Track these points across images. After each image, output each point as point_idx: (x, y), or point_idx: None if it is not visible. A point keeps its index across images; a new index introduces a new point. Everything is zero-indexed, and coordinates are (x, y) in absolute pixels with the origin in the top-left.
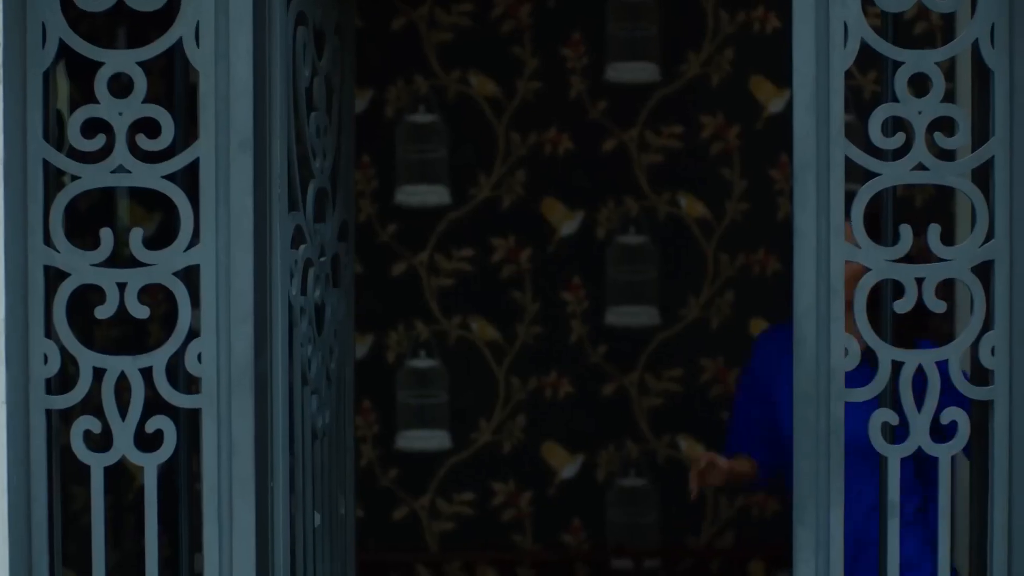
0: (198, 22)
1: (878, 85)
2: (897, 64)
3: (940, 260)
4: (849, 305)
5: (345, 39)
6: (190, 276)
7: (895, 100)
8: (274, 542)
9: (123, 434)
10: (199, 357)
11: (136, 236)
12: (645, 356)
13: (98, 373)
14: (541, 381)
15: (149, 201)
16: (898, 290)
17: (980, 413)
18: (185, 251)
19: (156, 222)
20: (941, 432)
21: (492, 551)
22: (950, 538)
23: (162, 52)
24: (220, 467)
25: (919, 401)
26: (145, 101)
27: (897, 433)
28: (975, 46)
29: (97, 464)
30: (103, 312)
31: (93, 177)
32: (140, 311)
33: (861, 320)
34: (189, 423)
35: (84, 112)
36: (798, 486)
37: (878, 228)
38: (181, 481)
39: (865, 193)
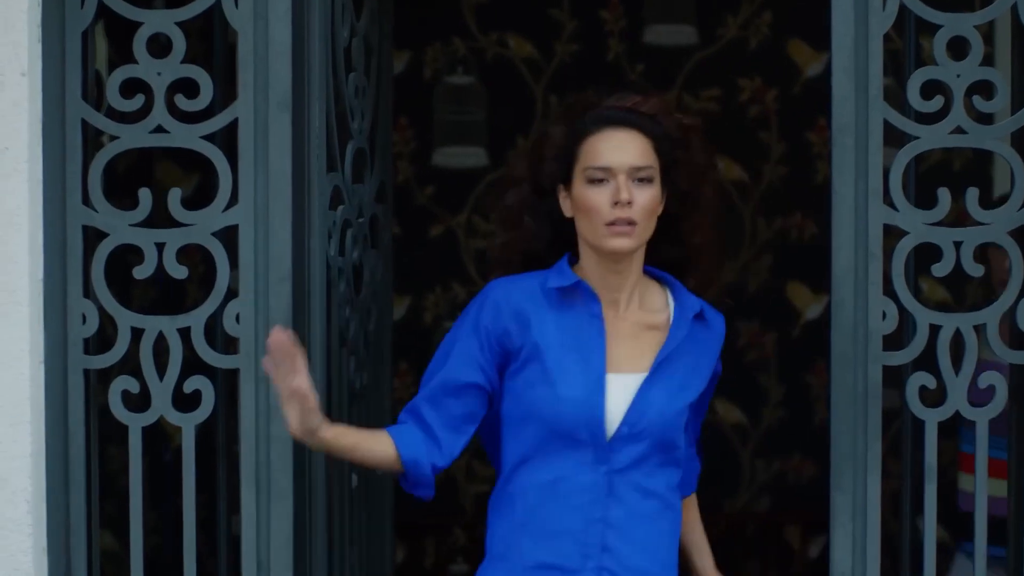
0: None
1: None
2: (936, 27)
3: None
4: None
5: (383, 0)
6: (228, 236)
7: (933, 63)
8: (312, 503)
9: (161, 394)
10: (237, 317)
11: (175, 196)
12: None
13: (136, 333)
14: None
15: (187, 162)
16: (936, 254)
17: (1019, 376)
18: (224, 211)
19: (194, 183)
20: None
21: None
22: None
23: (201, 12)
24: (258, 428)
25: None
26: (184, 61)
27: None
28: (1014, 9)
29: (135, 424)
30: (141, 272)
31: (131, 137)
32: (178, 271)
33: (899, 284)
34: (227, 383)
35: (123, 72)
36: (836, 451)
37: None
38: (219, 442)
39: (904, 156)
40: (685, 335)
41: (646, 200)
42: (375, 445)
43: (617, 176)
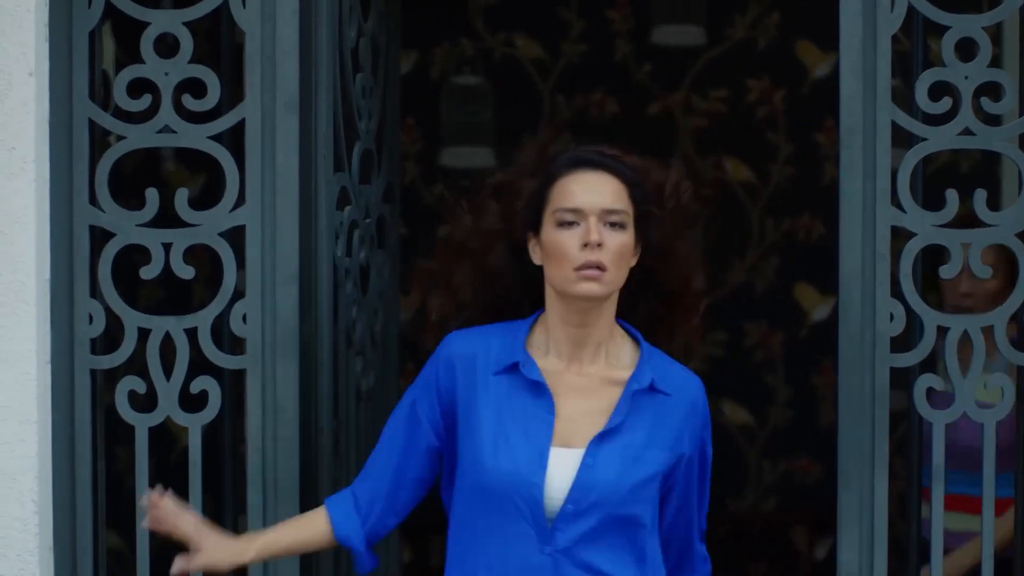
0: None
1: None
2: (944, 28)
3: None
4: None
5: (391, 0)
6: (235, 237)
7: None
8: (317, 504)
9: (168, 395)
10: (244, 318)
11: (181, 196)
12: None
13: (143, 334)
14: None
15: (194, 162)
16: (944, 255)
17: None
18: (231, 212)
19: (200, 183)
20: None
21: None
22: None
23: (208, 12)
24: (264, 429)
25: None
26: (191, 62)
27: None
28: (1022, 11)
29: (141, 425)
30: (148, 272)
31: (139, 137)
32: (185, 271)
33: (907, 286)
34: (234, 384)
35: (130, 72)
36: (843, 453)
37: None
38: (225, 442)
39: (912, 158)
40: (633, 406)
41: (617, 245)
42: (307, 536)
43: (588, 218)
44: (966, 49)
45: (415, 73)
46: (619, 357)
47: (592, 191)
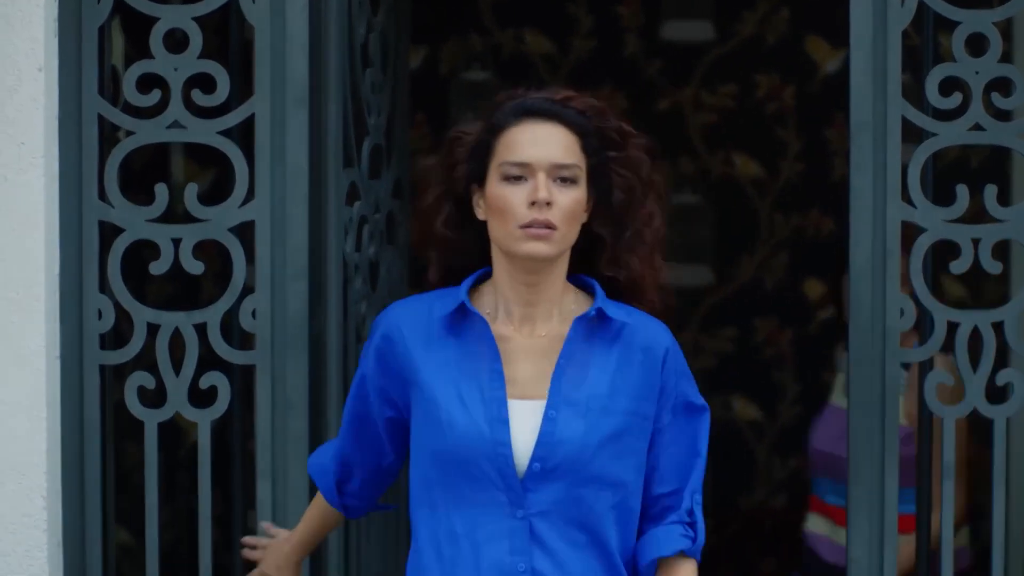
0: None
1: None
2: (954, 24)
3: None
4: None
5: None
6: (244, 232)
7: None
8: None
9: (177, 390)
10: (253, 313)
11: (191, 191)
12: (697, 317)
13: (152, 329)
14: None
15: (203, 157)
16: (954, 251)
17: None
18: (240, 207)
19: (210, 178)
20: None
21: None
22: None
23: (218, 7)
24: (274, 424)
25: None
26: (200, 57)
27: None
28: None
29: (151, 420)
30: (158, 268)
31: (148, 132)
32: (195, 267)
33: (917, 282)
34: (243, 379)
35: (139, 67)
36: (854, 448)
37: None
38: (234, 438)
39: (922, 153)
40: (586, 344)
41: (568, 202)
42: (319, 513)
43: (536, 174)
44: (976, 44)
45: (424, 69)
46: (571, 313)
47: (540, 143)
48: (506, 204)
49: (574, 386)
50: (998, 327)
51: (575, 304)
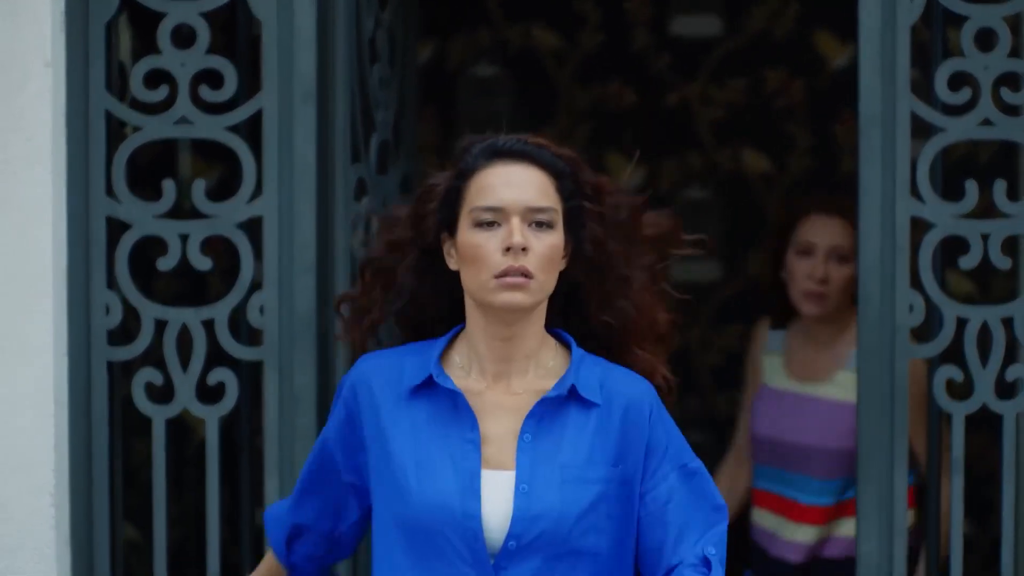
0: None
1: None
2: (963, 19)
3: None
4: None
5: None
6: (252, 228)
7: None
8: None
9: (185, 387)
10: (261, 309)
11: (199, 187)
12: (706, 313)
13: (160, 325)
14: None
15: (210, 153)
16: (963, 246)
17: None
18: (248, 203)
19: (217, 174)
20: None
21: None
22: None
23: (225, 2)
24: (282, 420)
25: None
26: (208, 52)
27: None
28: None
29: (158, 416)
30: (165, 264)
31: (155, 128)
32: (202, 263)
33: (927, 277)
34: (251, 376)
35: (147, 63)
36: (863, 444)
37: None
38: (242, 434)
39: (931, 148)
40: (559, 408)
41: (545, 248)
42: (268, 569)
43: (510, 218)
44: (986, 39)
45: (432, 64)
46: (548, 368)
47: (514, 186)
48: (478, 252)
49: (548, 454)
50: (1007, 323)
51: (553, 360)
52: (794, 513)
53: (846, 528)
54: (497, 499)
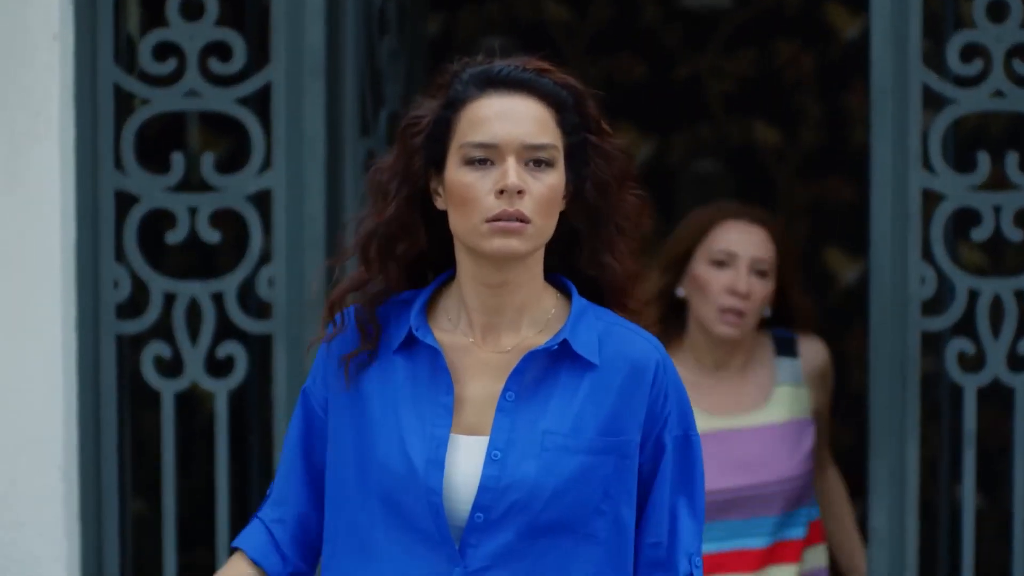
0: None
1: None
2: None
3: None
4: None
5: None
6: (261, 201)
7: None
8: None
9: (194, 360)
10: (270, 282)
11: (207, 160)
12: None
13: (169, 299)
14: None
15: (219, 125)
16: (975, 218)
17: None
18: (257, 175)
19: (226, 147)
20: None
21: None
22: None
23: None
24: (291, 393)
25: None
26: (216, 24)
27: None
28: None
29: (167, 390)
30: (174, 237)
31: (164, 101)
32: (211, 236)
33: (938, 249)
34: (260, 349)
35: (155, 36)
36: (875, 418)
37: None
38: (251, 408)
39: (943, 120)
40: (548, 367)
41: (543, 189)
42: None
43: (505, 156)
44: (998, 10)
45: (441, 37)
46: (544, 322)
47: (509, 119)
48: (468, 193)
49: (530, 418)
50: (1019, 295)
51: (551, 312)
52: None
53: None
54: (469, 469)
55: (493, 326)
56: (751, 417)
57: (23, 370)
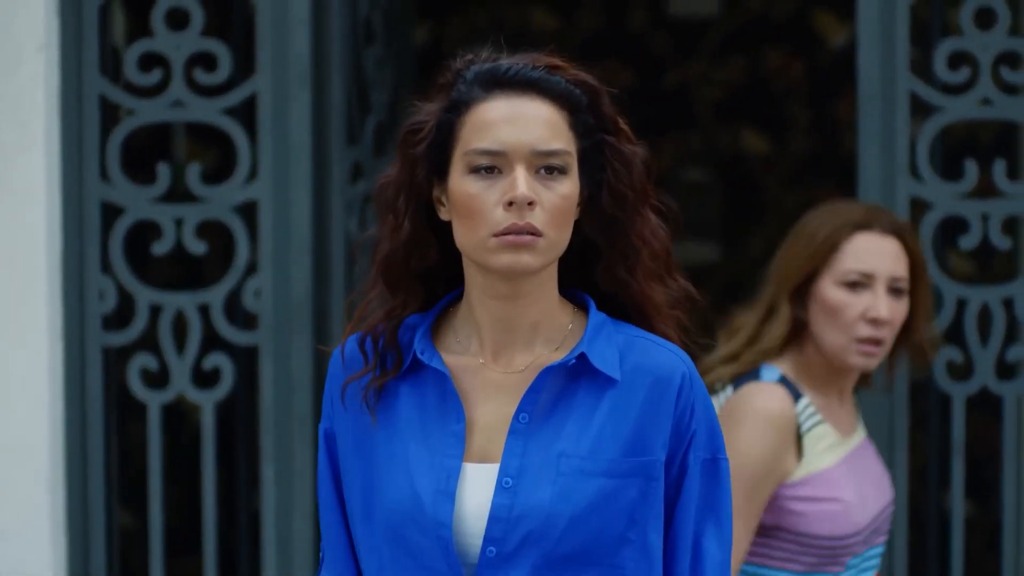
0: None
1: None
2: None
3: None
4: None
5: None
6: (247, 212)
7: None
8: None
9: (180, 372)
10: (256, 293)
11: (193, 171)
12: (704, 296)
13: (155, 310)
14: None
15: (205, 136)
16: (963, 226)
17: None
18: (243, 186)
19: (212, 157)
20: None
21: None
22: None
23: None
24: (278, 405)
25: None
26: (202, 34)
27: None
28: None
29: (154, 402)
30: (160, 248)
31: (150, 111)
32: (197, 247)
33: (926, 257)
34: (247, 360)
35: (140, 46)
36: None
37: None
38: (238, 419)
39: (930, 128)
40: (565, 386)
41: (556, 200)
42: None
43: (513, 165)
44: (985, 18)
45: (429, 46)
46: (560, 339)
47: (518, 124)
48: (474, 205)
49: (544, 442)
50: (1008, 303)
51: (567, 329)
52: None
53: None
54: (480, 499)
55: (505, 345)
56: (860, 432)
57: (8, 381)
